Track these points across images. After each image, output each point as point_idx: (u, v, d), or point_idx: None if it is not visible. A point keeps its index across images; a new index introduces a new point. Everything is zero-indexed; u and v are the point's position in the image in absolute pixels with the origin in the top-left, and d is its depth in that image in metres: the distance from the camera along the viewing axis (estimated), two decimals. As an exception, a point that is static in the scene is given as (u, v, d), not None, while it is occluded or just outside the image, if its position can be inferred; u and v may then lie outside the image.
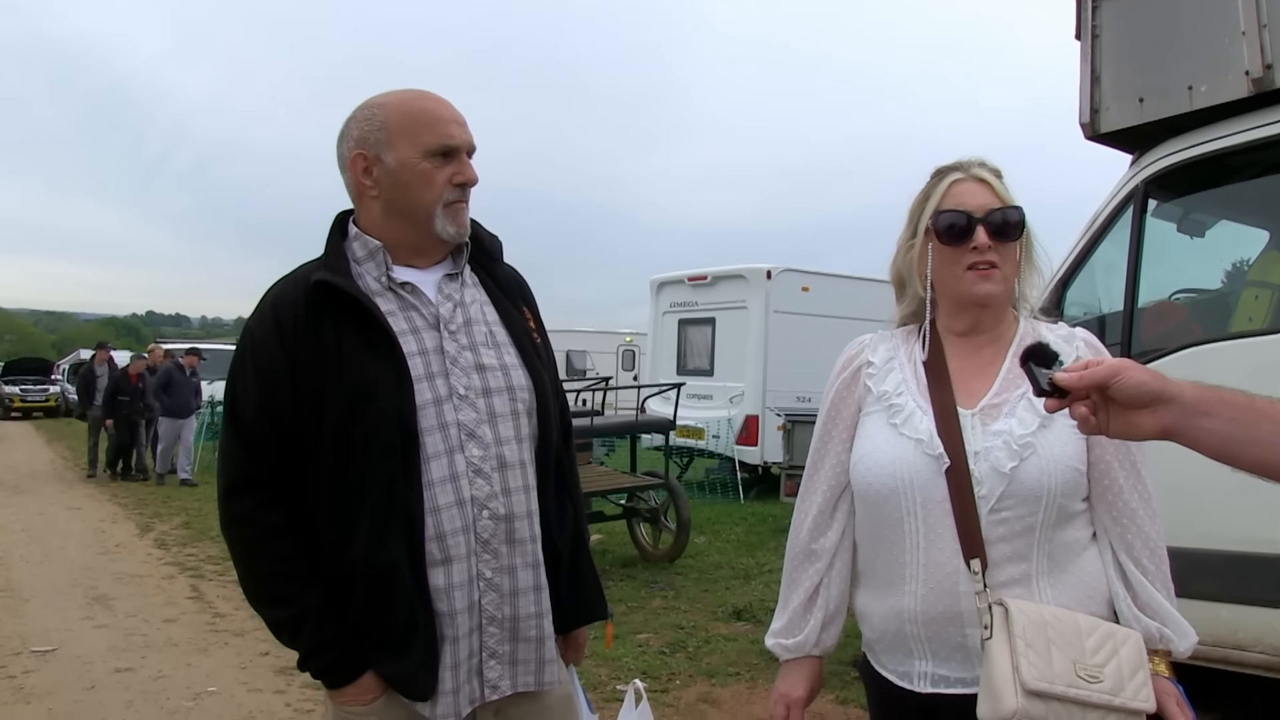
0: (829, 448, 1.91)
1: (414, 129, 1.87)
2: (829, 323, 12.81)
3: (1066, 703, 1.55)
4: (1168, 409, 1.31)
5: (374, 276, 1.90)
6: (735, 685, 5.24)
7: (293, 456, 1.82)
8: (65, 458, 19.69)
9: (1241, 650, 3.91)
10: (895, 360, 1.88)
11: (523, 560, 1.90)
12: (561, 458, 2.06)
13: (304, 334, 1.81)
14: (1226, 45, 4.12)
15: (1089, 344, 1.80)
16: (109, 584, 7.78)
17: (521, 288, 2.13)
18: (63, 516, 11.63)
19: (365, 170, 1.89)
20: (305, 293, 1.84)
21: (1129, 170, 4.59)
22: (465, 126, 1.91)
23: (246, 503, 1.85)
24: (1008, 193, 1.79)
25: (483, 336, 1.95)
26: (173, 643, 6.09)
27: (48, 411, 33.55)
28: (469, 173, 1.89)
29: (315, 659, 1.84)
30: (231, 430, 1.87)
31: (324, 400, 1.80)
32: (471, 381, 1.89)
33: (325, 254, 1.93)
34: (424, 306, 1.91)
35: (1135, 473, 1.73)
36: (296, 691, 5.15)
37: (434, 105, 1.91)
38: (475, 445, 1.86)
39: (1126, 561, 1.72)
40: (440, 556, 1.82)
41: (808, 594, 1.91)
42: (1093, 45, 4.65)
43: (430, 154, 1.86)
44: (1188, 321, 4.69)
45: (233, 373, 1.89)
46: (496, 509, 1.87)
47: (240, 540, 1.87)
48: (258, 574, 1.87)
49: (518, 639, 1.91)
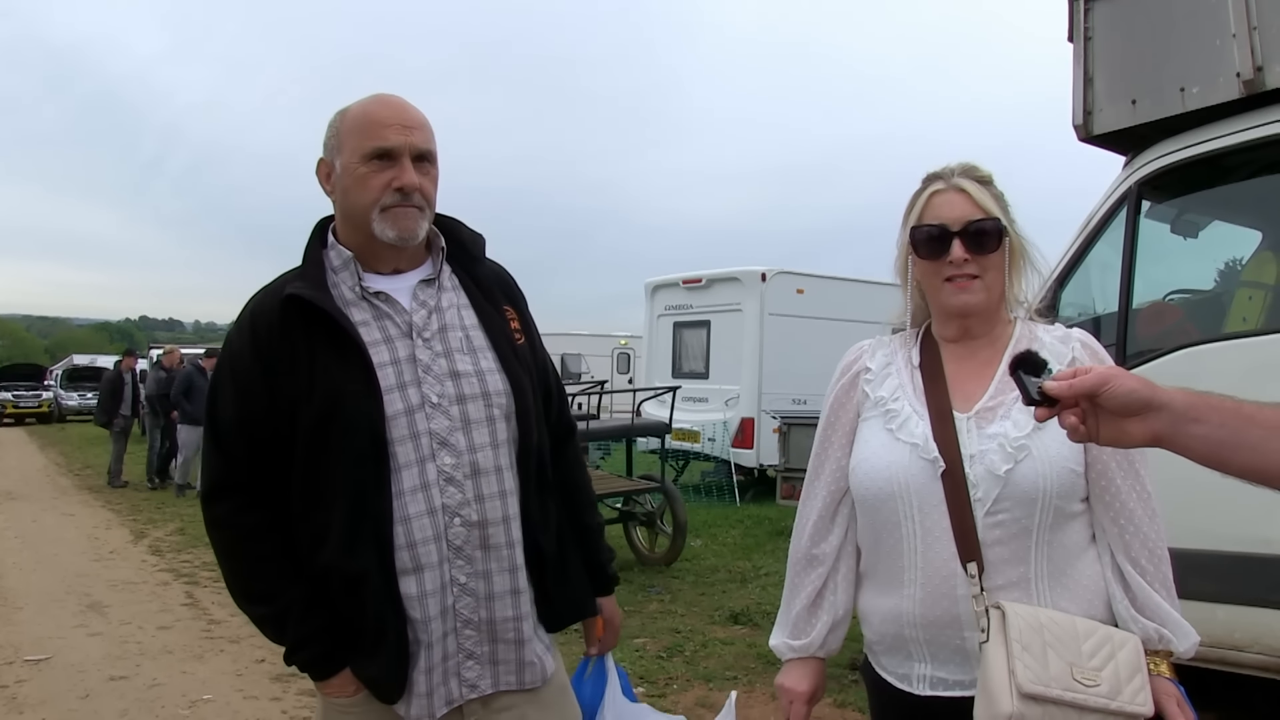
0: (829, 453, 1.93)
1: (356, 134, 1.88)
2: (824, 325, 12.83)
3: (1063, 706, 1.56)
4: (1157, 416, 1.31)
5: (348, 286, 1.92)
6: (732, 689, 5.23)
7: (270, 462, 1.87)
8: (58, 464, 19.65)
9: (1239, 650, 3.91)
10: (892, 365, 1.89)
11: (498, 565, 1.92)
12: (545, 463, 2.05)
13: (278, 345, 1.85)
14: (1218, 47, 4.13)
15: (1085, 345, 1.80)
16: (103, 591, 7.75)
17: (505, 285, 2.13)
18: (56, 523, 11.58)
19: (326, 176, 1.95)
20: (280, 304, 1.86)
21: (1122, 171, 4.60)
22: (411, 130, 1.88)
23: (225, 505, 1.91)
24: (989, 201, 1.78)
25: (458, 342, 1.95)
26: (168, 650, 6.07)
27: (40, 417, 33.48)
28: (405, 177, 1.86)
29: (300, 652, 1.89)
30: (211, 436, 1.93)
31: (297, 409, 1.83)
32: (445, 389, 1.89)
33: (303, 263, 1.96)
34: (397, 315, 1.92)
35: (1134, 474, 1.73)
36: (293, 699, 5.13)
37: (378, 109, 1.90)
38: (448, 453, 1.87)
39: (1125, 563, 1.72)
40: (411, 565, 1.85)
41: (809, 599, 1.93)
42: (1085, 47, 4.67)
43: (366, 158, 1.86)
44: (1182, 322, 4.70)
45: (213, 383, 1.95)
46: (469, 515, 1.88)
47: (222, 541, 1.94)
48: (240, 573, 1.93)
49: (496, 640, 1.93)
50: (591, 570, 2.18)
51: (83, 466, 18.78)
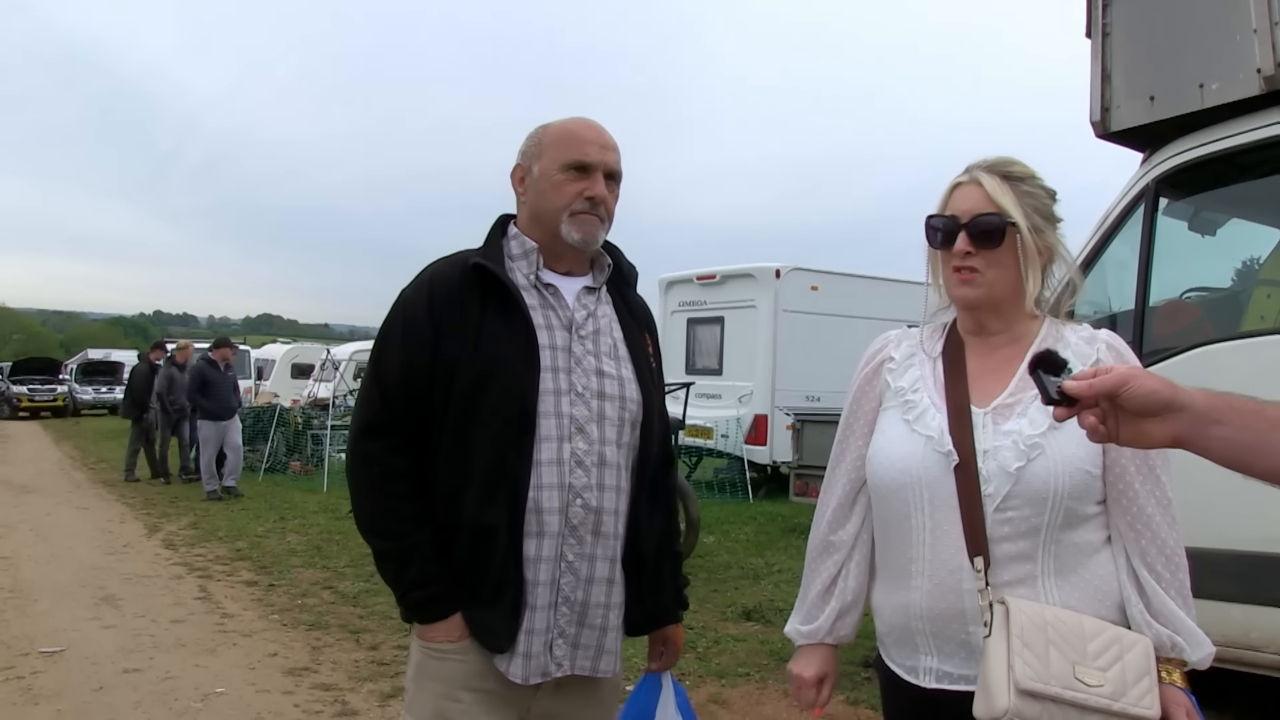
0: (850, 441, 1.95)
1: (558, 146, 2.11)
2: (838, 322, 12.80)
3: (1062, 704, 1.54)
4: (1178, 418, 1.30)
5: (524, 273, 2.12)
6: (745, 686, 5.23)
7: (422, 412, 2.03)
8: (73, 457, 19.76)
9: (1255, 651, 3.89)
10: (915, 357, 1.90)
11: (603, 552, 2.07)
12: (659, 476, 2.22)
13: (453, 305, 2.04)
14: (1238, 43, 4.10)
15: (1111, 346, 1.78)
16: (117, 584, 7.79)
17: (648, 317, 2.34)
18: (70, 516, 11.65)
19: (520, 179, 2.17)
20: (462, 272, 2.07)
21: (1140, 169, 4.58)
22: (607, 150, 2.12)
23: (378, 444, 2.05)
24: (1003, 197, 1.76)
25: (607, 347, 2.15)
26: (181, 643, 6.10)
27: (55, 411, 33.67)
28: (597, 188, 2.09)
29: (415, 591, 2.02)
30: (374, 379, 2.10)
31: (458, 367, 2.00)
32: (589, 383, 2.08)
33: (484, 246, 2.15)
34: (561, 309, 2.12)
35: (1154, 478, 1.71)
36: (305, 692, 5.15)
37: (581, 128, 2.14)
38: (582, 439, 2.05)
39: (1140, 568, 1.70)
40: (535, 529, 2.00)
41: (825, 585, 1.94)
42: (1103, 43, 4.64)
43: (566, 168, 2.09)
44: (1199, 320, 4.67)
45: (383, 331, 2.12)
46: (590, 500, 2.04)
47: (366, 477, 2.08)
48: (377, 510, 2.06)
49: (584, 624, 2.06)
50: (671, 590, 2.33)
51: (97, 460, 18.88)
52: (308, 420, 17.06)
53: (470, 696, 2.01)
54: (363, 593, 7.33)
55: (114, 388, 35.29)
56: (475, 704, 2.01)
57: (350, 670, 5.54)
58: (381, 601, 6.84)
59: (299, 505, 12.13)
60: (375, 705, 4.96)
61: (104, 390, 35.41)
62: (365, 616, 6.75)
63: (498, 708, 2.02)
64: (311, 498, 12.96)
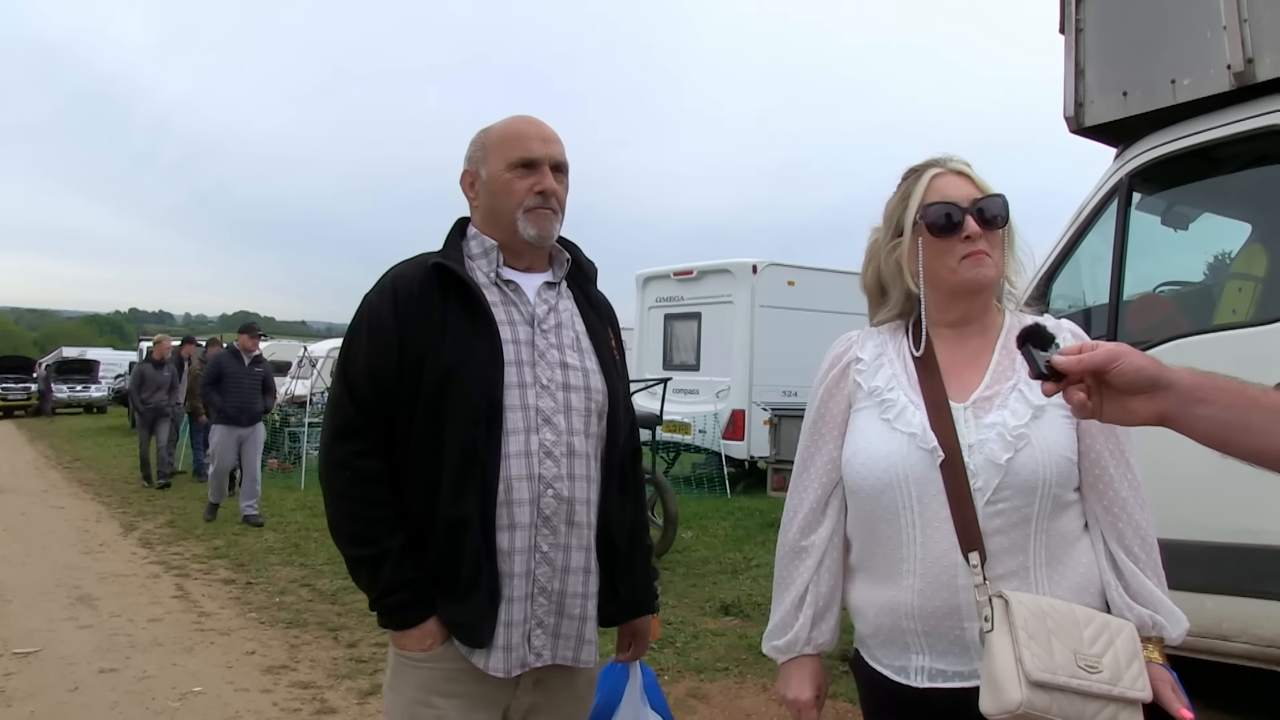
0: (820, 445, 1.91)
1: (502, 146, 2.15)
2: (815, 317, 12.82)
3: (1069, 693, 1.55)
4: (1164, 395, 1.31)
5: (484, 271, 2.16)
6: (724, 680, 5.25)
7: (392, 413, 2.05)
8: (47, 456, 19.55)
9: (1226, 640, 3.93)
10: (885, 356, 1.88)
11: (577, 542, 2.10)
12: (626, 466, 2.25)
13: (416, 305, 2.06)
14: (1209, 39, 4.14)
15: (1076, 336, 1.80)
16: (93, 584, 7.73)
17: (610, 311, 2.37)
18: (45, 515, 11.53)
19: (470, 185, 2.22)
20: (424, 273, 2.10)
21: (1113, 164, 4.62)
22: (550, 143, 2.16)
23: (350, 448, 2.05)
24: (986, 183, 1.82)
25: (570, 340, 2.18)
26: (158, 643, 6.06)
27: (29, 410, 33.31)
28: (546, 182, 2.13)
29: (388, 598, 2.01)
30: (343, 383, 2.11)
31: (424, 367, 2.02)
32: (554, 375, 2.12)
33: (444, 248, 2.20)
34: (522, 304, 2.16)
35: (1125, 462, 1.74)
36: (283, 690, 5.13)
37: (522, 125, 2.18)
38: (549, 430, 2.08)
39: (1118, 550, 1.72)
40: (507, 521, 2.02)
41: (800, 591, 1.91)
42: (1077, 39, 4.67)
43: (513, 166, 2.13)
44: (1172, 314, 4.71)
45: (349, 334, 2.14)
46: (561, 490, 2.07)
47: (341, 482, 2.06)
48: (348, 514, 2.06)
49: (563, 614, 2.08)
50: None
51: (72, 459, 18.70)
52: (285, 418, 16.94)
53: (446, 702, 2.02)
54: (341, 590, 7.30)
55: (89, 386, 34.92)
56: (452, 709, 2.02)
57: (329, 668, 5.52)
58: (360, 599, 6.80)
59: (276, 503, 12.02)
60: (354, 703, 4.95)
61: (79, 389, 35.07)
62: (343, 614, 6.73)
63: (478, 709, 2.03)
64: (289, 495, 12.86)
